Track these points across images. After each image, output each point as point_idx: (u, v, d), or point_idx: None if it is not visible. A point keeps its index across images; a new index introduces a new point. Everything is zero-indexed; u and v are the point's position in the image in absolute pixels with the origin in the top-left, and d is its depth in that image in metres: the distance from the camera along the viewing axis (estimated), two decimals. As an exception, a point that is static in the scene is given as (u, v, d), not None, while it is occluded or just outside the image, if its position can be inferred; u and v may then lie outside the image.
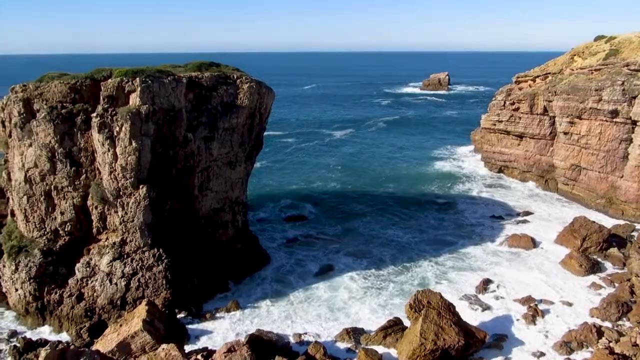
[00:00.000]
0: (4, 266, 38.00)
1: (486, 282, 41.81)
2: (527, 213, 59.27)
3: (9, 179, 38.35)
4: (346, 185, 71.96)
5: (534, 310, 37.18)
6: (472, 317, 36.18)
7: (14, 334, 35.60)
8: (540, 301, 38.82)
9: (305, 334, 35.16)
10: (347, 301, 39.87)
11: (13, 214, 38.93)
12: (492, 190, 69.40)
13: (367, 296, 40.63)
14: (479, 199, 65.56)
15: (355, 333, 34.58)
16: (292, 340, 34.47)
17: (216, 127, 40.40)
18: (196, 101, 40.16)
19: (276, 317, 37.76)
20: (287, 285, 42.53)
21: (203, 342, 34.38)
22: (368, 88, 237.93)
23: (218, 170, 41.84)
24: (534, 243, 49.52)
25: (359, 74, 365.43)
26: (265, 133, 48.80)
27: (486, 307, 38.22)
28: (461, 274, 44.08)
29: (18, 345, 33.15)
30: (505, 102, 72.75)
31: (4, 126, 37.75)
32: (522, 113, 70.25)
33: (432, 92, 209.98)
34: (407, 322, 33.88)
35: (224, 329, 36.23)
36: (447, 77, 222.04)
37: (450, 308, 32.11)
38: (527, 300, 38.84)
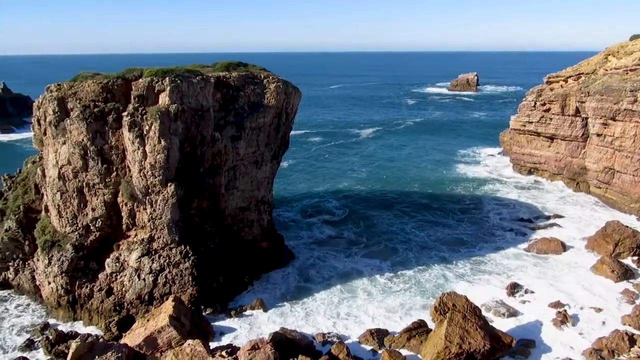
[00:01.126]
0: (37, 260, 39.25)
1: (513, 286, 41.01)
2: (557, 216, 57.89)
3: (44, 176, 39.57)
4: (370, 186, 71.68)
5: (563, 316, 36.30)
6: (498, 321, 35.62)
7: (46, 326, 36.69)
8: (570, 307, 37.88)
9: (329, 333, 35.18)
10: (370, 301, 39.71)
11: (47, 210, 40.13)
12: (521, 192, 68.02)
13: (390, 297, 40.39)
14: (506, 201, 64.35)
15: (378, 334, 34.42)
16: (315, 339, 34.54)
17: (243, 126, 40.81)
18: (224, 101, 40.64)
19: (300, 316, 37.90)
20: (311, 284, 42.63)
21: (227, 339, 34.78)
22: (395, 88, 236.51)
23: (244, 170, 42.25)
24: (564, 247, 48.33)
25: (386, 74, 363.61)
26: (292, 133, 48.99)
27: (513, 312, 37.50)
28: (487, 277, 43.40)
29: (50, 337, 34.23)
30: (535, 103, 71.26)
31: (39, 124, 38.97)
32: (553, 114, 68.69)
33: (460, 92, 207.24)
34: (431, 325, 33.55)
35: (248, 326, 36.56)
36: (475, 77, 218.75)
37: (476, 311, 31.64)
38: (556, 306, 37.96)
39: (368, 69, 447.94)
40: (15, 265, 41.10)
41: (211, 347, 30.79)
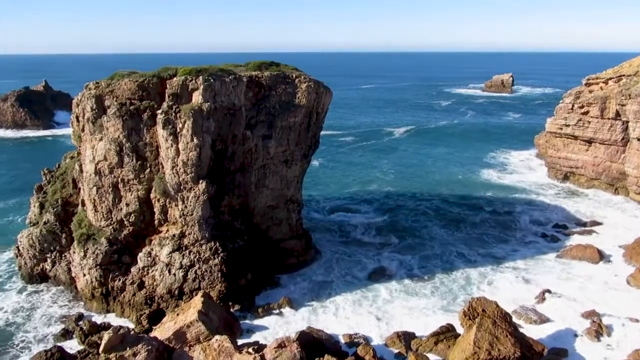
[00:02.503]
0: (73, 252, 40.50)
1: (546, 293, 39.94)
2: (594, 223, 56.05)
3: (81, 171, 40.81)
4: (399, 187, 71.06)
5: (598, 326, 35.12)
6: (529, 328, 34.74)
7: (80, 316, 37.83)
8: (605, 316, 36.60)
9: (355, 334, 35.03)
10: (398, 302, 39.36)
11: (83, 204, 41.35)
12: (555, 197, 66.22)
13: (417, 298, 39.96)
14: (540, 205, 62.73)
15: (405, 337, 34.07)
16: (341, 340, 34.46)
17: (274, 125, 41.09)
18: (255, 99, 41.02)
19: (327, 315, 37.89)
20: (338, 283, 42.56)
21: (254, 336, 35.09)
22: (427, 89, 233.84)
23: (274, 168, 42.55)
24: (600, 255, 46.74)
25: (418, 74, 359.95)
26: (322, 132, 49.02)
27: (545, 319, 36.51)
28: (519, 283, 42.39)
29: (84, 327, 35.28)
30: (573, 105, 69.18)
31: (78, 121, 40.21)
32: (591, 117, 66.55)
33: (494, 93, 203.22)
34: (460, 330, 32.98)
35: (275, 324, 36.78)
36: (510, 78, 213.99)
37: (506, 318, 30.92)
38: (590, 315, 36.75)
39: (400, 69, 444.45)
40: (53, 257, 42.51)
41: (238, 344, 31.13)
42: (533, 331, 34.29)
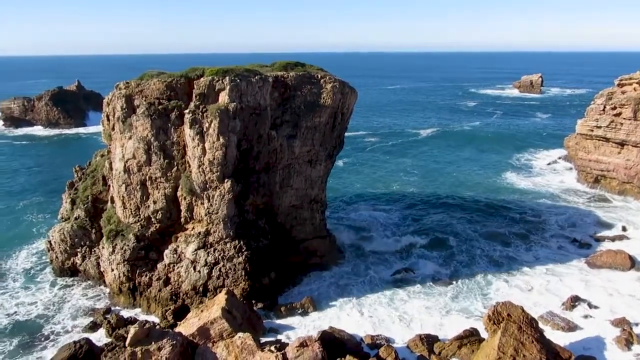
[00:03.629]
0: (102, 248, 41.53)
1: (574, 299, 39.04)
2: (625, 229, 54.47)
3: (111, 169, 41.80)
4: (423, 188, 70.48)
5: (629, 334, 34.15)
6: (556, 335, 34.03)
7: (108, 310, 38.76)
8: (637, 325, 35.57)
9: (378, 336, 34.92)
10: (421, 305, 39.06)
11: (113, 201, 42.35)
12: (585, 201, 64.62)
13: (442, 302, 39.55)
14: (569, 209, 61.29)
15: (428, 340, 33.79)
16: (363, 341, 34.41)
17: (299, 125, 41.29)
18: (281, 100, 41.29)
19: (349, 316, 37.88)
20: (361, 284, 42.50)
21: (276, 335, 35.34)
22: (453, 89, 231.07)
23: (299, 168, 42.75)
24: (632, 261, 45.39)
25: (445, 75, 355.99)
26: (347, 133, 48.98)
27: (573, 326, 35.69)
28: (546, 288, 41.56)
29: (111, 321, 36.13)
30: (605, 107, 67.36)
31: (108, 120, 41.22)
32: (624, 118, 64.68)
33: (522, 94, 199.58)
34: (484, 334, 32.52)
35: (297, 323, 36.97)
36: (540, 78, 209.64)
37: (532, 323, 30.34)
38: (620, 323, 35.75)
39: (426, 69, 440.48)
40: (83, 251, 43.69)
41: (260, 342, 31.42)
42: (560, 338, 33.59)
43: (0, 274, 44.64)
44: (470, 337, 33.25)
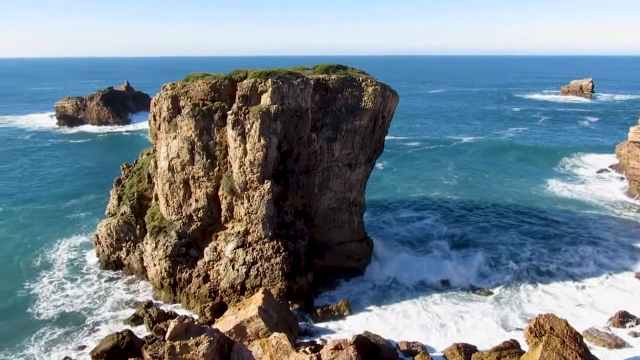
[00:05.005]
0: (146, 243, 42.85)
1: (623, 315, 37.26)
2: (681, 242, 51.64)
3: (156, 167, 43.13)
4: (464, 194, 69.07)
5: (682, 355, 32.33)
6: (602, 352, 32.63)
7: (150, 304, 39.93)
8: (691, 345, 33.66)
9: (414, 343, 34.44)
10: (460, 314, 38.28)
11: (157, 198, 43.66)
12: (636, 213, 61.57)
13: (482, 311, 38.62)
14: (620, 220, 58.65)
15: (466, 349, 33.05)
16: (399, 347, 34.04)
17: (339, 128, 41.34)
18: (322, 102, 41.45)
19: (385, 321, 37.54)
20: (398, 290, 42.06)
21: (311, 336, 35.45)
22: (498, 94, 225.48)
23: (338, 171, 42.79)
24: (687, 277, 43.01)
25: (489, 80, 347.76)
26: (387, 137, 48.63)
27: (621, 343, 34.09)
28: (592, 302, 39.90)
29: (153, 314, 37.22)
30: (661, 114, 64.10)
31: (155, 120, 42.53)
32: (682, 127, 61.35)
33: (571, 100, 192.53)
34: (525, 347, 31.53)
35: (332, 326, 36.97)
36: (590, 83, 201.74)
37: (576, 338, 29.18)
38: (673, 342, 33.91)
39: (470, 73, 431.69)
40: (127, 246, 45.23)
41: (295, 342, 31.60)
42: (606, 355, 32.23)
43: (49, 265, 46.84)
44: (510, 349, 32.27)
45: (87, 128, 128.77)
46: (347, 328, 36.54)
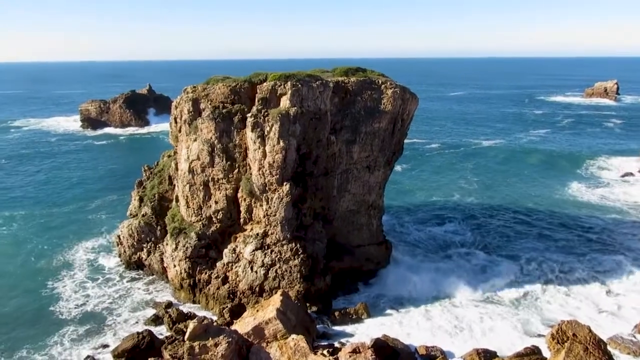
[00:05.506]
0: (166, 244, 43.38)
1: (649, 323, 36.35)
2: None
3: (176, 169, 43.67)
4: (484, 198, 68.27)
5: None
6: None
7: (170, 304, 40.37)
8: None
9: (433, 347, 34.09)
10: (480, 319, 37.76)
11: (177, 200, 44.18)
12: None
13: (502, 316, 38.05)
14: (646, 226, 57.25)
15: (486, 355, 32.56)
16: (417, 352, 33.74)
17: (358, 130, 41.28)
18: (341, 105, 41.45)
19: (403, 325, 37.27)
20: (417, 294, 41.67)
21: (329, 339, 35.38)
22: (520, 97, 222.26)
23: (357, 173, 42.72)
24: None
25: (511, 82, 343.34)
26: (406, 139, 48.36)
27: (646, 352, 33.26)
28: (615, 310, 38.94)
29: (172, 315, 37.63)
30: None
31: (175, 122, 43.11)
32: None
33: (595, 102, 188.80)
34: (546, 353, 30.98)
35: (350, 329, 36.84)
36: (615, 85, 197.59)
37: (600, 345, 28.55)
38: (702, 351, 32.91)
39: (491, 75, 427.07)
40: (148, 247, 45.85)
41: (313, 345, 31.60)
42: (631, 363, 31.42)
43: (71, 265, 47.71)
44: (532, 355, 31.75)
45: (110, 130, 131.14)
46: (365, 331, 36.36)
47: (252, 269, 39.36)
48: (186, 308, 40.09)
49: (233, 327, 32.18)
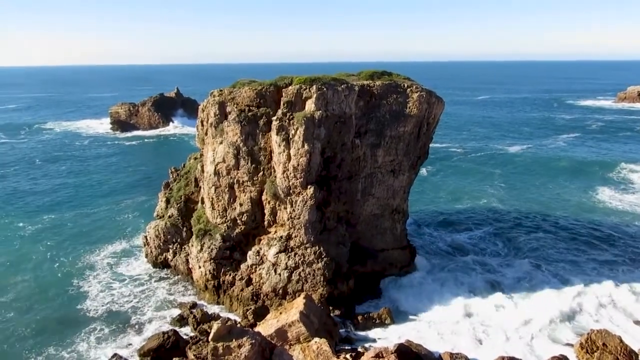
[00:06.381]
0: (192, 245, 43.98)
1: (684, 335, 35.08)
2: None
3: (202, 171, 44.28)
4: (511, 204, 67.02)
5: None
6: (660, 372, 30.71)
7: (194, 305, 40.87)
8: None
9: (457, 354, 33.57)
10: (506, 326, 36.98)
11: (203, 201, 44.76)
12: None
13: (530, 324, 37.21)
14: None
15: (512, 363, 32.00)
16: (442, 358, 33.29)
17: (383, 134, 41.14)
18: (366, 108, 41.38)
19: (427, 330, 36.83)
20: (441, 300, 41.11)
21: (352, 343, 35.21)
22: (548, 101, 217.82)
23: (381, 177, 42.54)
24: None
25: (539, 86, 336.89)
26: (432, 144, 47.93)
27: (681, 364, 32.04)
28: (650, 320, 37.73)
29: (197, 315, 38.08)
30: None
31: (202, 125, 43.72)
32: None
33: (628, 106, 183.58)
34: (575, 363, 30.25)
35: (373, 334, 36.60)
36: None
37: (632, 356, 27.78)
38: None
39: (518, 79, 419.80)
40: (174, 248, 46.56)
41: (336, 349, 31.51)
42: (665, 376, 30.27)
43: (97, 265, 48.76)
44: (559, 365, 31.02)
45: (139, 133, 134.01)
46: (388, 336, 36.08)
47: (275, 271, 39.56)
48: (210, 309, 40.50)
49: (256, 329, 32.37)
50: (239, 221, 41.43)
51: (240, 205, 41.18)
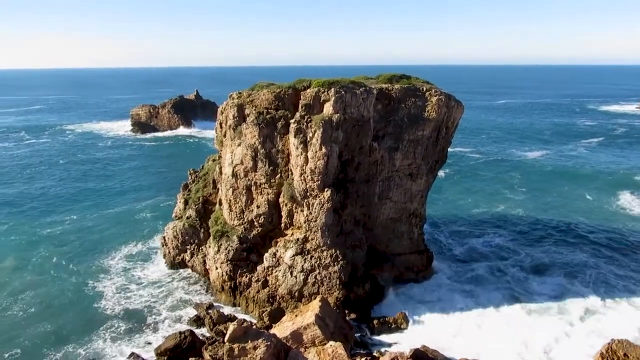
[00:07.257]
0: (209, 246, 44.28)
1: None
2: None
3: (220, 173, 44.60)
4: (531, 209, 66.04)
5: None
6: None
7: (210, 306, 41.10)
8: None
9: (474, 360, 33.23)
10: (525, 334, 36.39)
11: (220, 203, 45.08)
12: None
13: (549, 332, 36.56)
14: None
15: (530, 372, 31.48)
16: (458, 364, 32.93)
17: (401, 138, 40.92)
18: (384, 112, 41.23)
19: (443, 336, 36.42)
20: (458, 305, 40.71)
21: (367, 348, 35.04)
22: (570, 106, 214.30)
23: (399, 181, 42.31)
24: None
25: (560, 91, 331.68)
26: (451, 148, 47.53)
27: None
28: (675, 331, 36.74)
29: (213, 316, 38.32)
30: None
31: (221, 127, 44.06)
32: None
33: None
34: (596, 373, 29.54)
35: (389, 338, 36.38)
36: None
37: (655, 368, 27.02)
38: None
39: (539, 83, 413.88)
40: (192, 249, 46.96)
41: (351, 353, 31.37)
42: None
43: (115, 264, 49.43)
44: (580, 375, 30.37)
45: (159, 134, 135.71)
46: (404, 341, 35.81)
47: (291, 273, 39.59)
48: (227, 310, 40.70)
49: (272, 331, 32.42)
50: (255, 223, 41.60)
51: (258, 207, 41.34)
